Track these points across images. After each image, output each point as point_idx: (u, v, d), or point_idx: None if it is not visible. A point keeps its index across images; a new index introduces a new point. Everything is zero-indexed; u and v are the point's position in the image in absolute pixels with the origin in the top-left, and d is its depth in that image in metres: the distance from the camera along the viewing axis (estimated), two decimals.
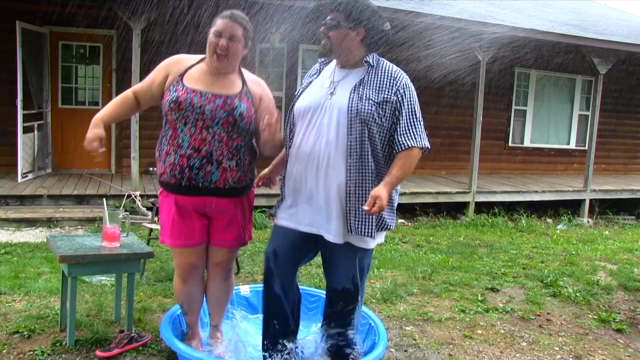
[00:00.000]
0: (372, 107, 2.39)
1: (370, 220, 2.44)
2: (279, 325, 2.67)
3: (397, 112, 2.42)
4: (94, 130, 2.55)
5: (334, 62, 2.61)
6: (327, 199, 2.45)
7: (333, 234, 2.46)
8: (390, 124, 2.43)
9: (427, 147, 2.46)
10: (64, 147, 8.16)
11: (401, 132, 2.41)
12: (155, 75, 2.64)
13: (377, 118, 2.39)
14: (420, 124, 2.46)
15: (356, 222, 2.42)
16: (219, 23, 2.50)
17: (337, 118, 2.42)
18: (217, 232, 2.69)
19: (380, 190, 2.30)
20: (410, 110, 2.44)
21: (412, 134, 2.41)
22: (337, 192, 2.43)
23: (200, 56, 2.64)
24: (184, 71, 2.58)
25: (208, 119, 2.48)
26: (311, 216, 2.51)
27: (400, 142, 2.41)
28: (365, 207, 2.28)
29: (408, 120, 2.42)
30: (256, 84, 2.69)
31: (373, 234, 2.45)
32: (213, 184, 2.54)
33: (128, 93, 2.69)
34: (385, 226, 2.52)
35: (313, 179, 2.47)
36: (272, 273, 2.60)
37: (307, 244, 2.62)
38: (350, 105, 2.39)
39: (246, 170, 2.63)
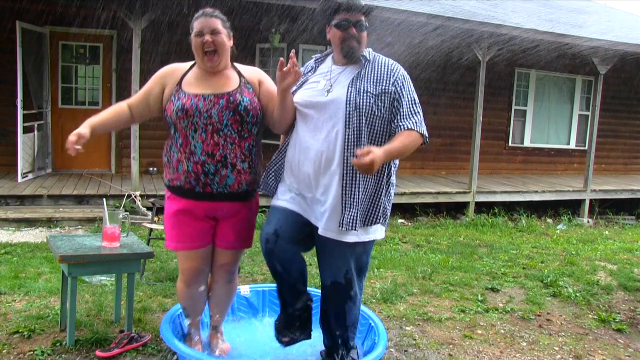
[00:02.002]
0: (370, 99, 2.42)
1: (362, 213, 2.45)
2: (289, 294, 2.69)
3: (395, 103, 2.46)
4: (80, 128, 2.43)
5: (329, 59, 2.62)
6: (325, 193, 2.47)
7: (324, 227, 2.47)
8: (389, 114, 2.46)
9: (426, 135, 2.48)
10: (63, 147, 8.04)
11: (402, 118, 2.44)
12: (151, 86, 2.62)
13: (376, 110, 2.43)
14: (420, 113, 2.50)
15: (349, 216, 2.42)
16: (196, 24, 2.52)
17: (336, 113, 2.44)
18: (223, 234, 2.68)
19: (377, 149, 2.28)
20: (410, 99, 2.48)
21: (413, 120, 2.45)
22: (334, 185, 2.44)
23: (191, 62, 2.63)
24: (180, 79, 2.57)
25: (217, 122, 2.48)
26: (310, 207, 2.53)
27: (401, 125, 2.43)
28: (357, 154, 2.23)
29: (409, 108, 2.46)
30: (252, 71, 2.69)
31: (357, 226, 2.44)
32: (228, 188, 2.54)
33: (123, 105, 2.66)
34: (377, 220, 2.51)
35: (312, 174, 2.49)
36: (273, 253, 2.57)
37: (307, 228, 2.60)
38: (348, 99, 2.42)
39: (256, 172, 2.64)
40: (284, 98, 2.50)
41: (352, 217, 2.42)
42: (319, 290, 2.84)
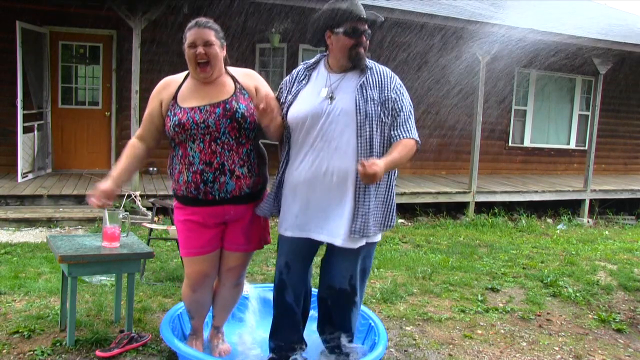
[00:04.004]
0: (377, 107, 2.44)
1: (369, 221, 2.46)
2: (291, 333, 2.70)
3: (393, 111, 2.49)
4: (103, 184, 2.53)
5: (321, 66, 2.59)
6: (340, 202, 2.46)
7: (342, 238, 2.47)
8: (390, 120, 2.49)
9: (419, 142, 2.53)
10: (64, 147, 8.16)
11: (398, 126, 2.48)
12: (151, 107, 2.62)
13: (383, 117, 2.46)
14: (413, 118, 2.56)
15: (362, 223, 2.44)
16: (189, 35, 2.50)
17: (345, 121, 2.43)
18: (232, 236, 2.67)
19: (379, 160, 2.31)
20: (408, 107, 2.53)
21: (408, 128, 2.50)
22: (347, 194, 2.45)
23: (185, 73, 2.63)
24: (175, 93, 2.56)
25: (214, 131, 2.48)
26: (322, 222, 2.51)
27: (399, 135, 2.48)
28: (359, 167, 2.25)
29: (405, 116, 2.51)
30: (246, 76, 2.67)
31: (370, 233, 2.47)
32: (229, 193, 2.53)
33: (132, 141, 2.68)
34: (390, 224, 2.57)
35: (324, 185, 2.47)
36: (285, 285, 2.63)
37: (316, 249, 2.66)
38: (358, 108, 2.42)
39: (257, 174, 2.62)
40: (268, 126, 2.49)
41: (364, 224, 2.44)
42: (315, 290, 2.85)
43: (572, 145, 11.41)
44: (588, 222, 9.03)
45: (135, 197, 6.59)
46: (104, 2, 6.67)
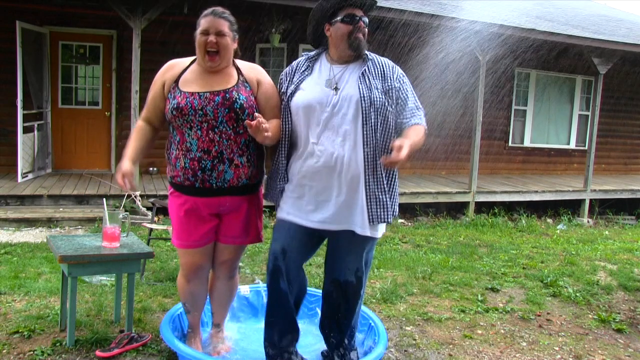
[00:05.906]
0: (381, 95, 2.47)
1: (387, 206, 2.50)
2: (284, 320, 2.67)
3: (400, 100, 2.53)
4: (122, 164, 2.53)
5: (322, 58, 2.61)
6: (350, 191, 2.48)
7: (360, 226, 2.49)
8: (396, 108, 2.52)
9: (426, 129, 2.58)
10: (64, 147, 8.16)
11: (408, 115, 2.52)
12: (155, 89, 2.62)
13: (387, 105, 2.48)
14: (421, 107, 2.59)
15: (378, 210, 2.48)
16: (203, 22, 2.50)
17: (351, 110, 2.45)
18: (226, 229, 2.68)
19: (404, 140, 2.30)
20: (413, 94, 2.58)
21: (418, 115, 2.55)
22: (358, 183, 2.47)
23: (192, 58, 2.62)
24: (178, 76, 2.56)
25: (212, 120, 2.48)
26: (332, 213, 2.50)
27: (409, 122, 2.51)
28: (391, 156, 2.23)
29: (413, 104, 2.55)
30: (251, 69, 2.66)
31: (390, 218, 2.52)
32: (227, 182, 2.53)
33: (139, 123, 2.68)
34: (396, 210, 2.60)
35: (332, 174, 2.48)
36: (281, 271, 2.59)
37: (316, 239, 2.65)
38: (362, 95, 2.45)
39: (256, 166, 2.62)
40: (262, 142, 2.48)
41: (382, 208, 2.48)
42: (319, 291, 2.85)
43: (572, 145, 11.41)
44: (588, 222, 9.03)
45: (135, 197, 6.59)
46: (104, 2, 6.67)
